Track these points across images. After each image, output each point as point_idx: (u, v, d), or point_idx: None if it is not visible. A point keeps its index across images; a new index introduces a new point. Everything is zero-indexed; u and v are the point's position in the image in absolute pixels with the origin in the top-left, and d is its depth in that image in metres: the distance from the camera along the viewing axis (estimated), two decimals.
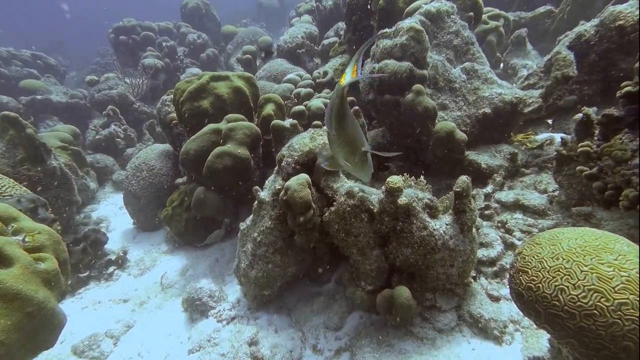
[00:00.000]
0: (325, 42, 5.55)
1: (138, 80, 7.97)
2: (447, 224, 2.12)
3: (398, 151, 3.74)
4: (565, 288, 1.23)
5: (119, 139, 6.57)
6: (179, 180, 4.56)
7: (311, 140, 2.70)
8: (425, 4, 3.43)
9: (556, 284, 1.26)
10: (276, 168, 3.09)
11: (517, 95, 2.92)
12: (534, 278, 1.33)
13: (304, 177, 2.54)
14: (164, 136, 5.43)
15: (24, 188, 3.71)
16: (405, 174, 3.06)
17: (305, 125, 3.90)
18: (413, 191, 2.29)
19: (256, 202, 3.11)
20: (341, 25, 5.90)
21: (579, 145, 2.05)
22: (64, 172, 4.51)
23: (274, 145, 3.87)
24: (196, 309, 3.17)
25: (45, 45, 18.38)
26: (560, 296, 1.23)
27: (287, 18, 15.20)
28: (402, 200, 2.11)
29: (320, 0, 6.40)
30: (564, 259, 1.28)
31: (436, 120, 3.17)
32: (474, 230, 2.13)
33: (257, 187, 3.10)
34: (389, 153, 1.95)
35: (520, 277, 1.39)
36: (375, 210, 2.31)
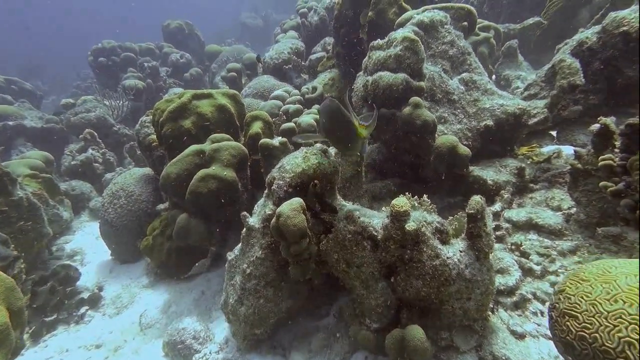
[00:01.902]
0: (313, 57, 5.40)
1: (118, 102, 7.66)
2: (461, 251, 1.88)
3: (397, 168, 3.53)
4: (635, 342, 0.98)
5: (97, 164, 6.20)
6: (161, 206, 4.23)
7: (304, 160, 2.45)
8: (417, 14, 3.30)
9: (620, 335, 1.01)
10: (266, 191, 2.82)
11: (520, 106, 2.76)
12: (587, 325, 1.08)
13: (297, 201, 2.27)
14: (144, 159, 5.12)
15: None
16: (407, 193, 2.85)
17: (295, 144, 3.66)
18: (420, 214, 2.05)
19: (245, 229, 2.81)
20: (328, 40, 5.79)
21: (600, 158, 1.87)
22: (32, 202, 4.13)
23: (263, 165, 3.61)
24: (179, 353, 2.81)
25: (24, 71, 17.94)
26: (629, 352, 0.98)
27: (272, 36, 15.28)
28: (410, 225, 1.86)
29: (305, 16, 6.31)
30: (624, 302, 1.04)
31: (436, 134, 2.98)
32: (490, 256, 1.89)
33: (245, 212, 2.82)
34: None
35: (568, 323, 1.14)
36: (379, 237, 2.05)
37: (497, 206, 2.60)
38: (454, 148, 2.78)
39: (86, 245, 4.95)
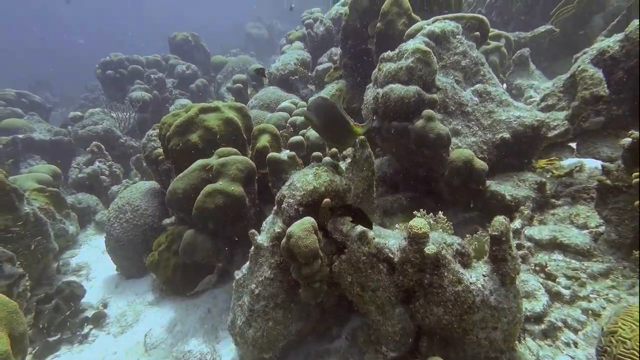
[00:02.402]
0: (319, 67, 5.35)
1: (125, 114, 7.67)
2: (484, 276, 1.76)
3: (408, 182, 3.42)
4: None
5: (103, 177, 6.17)
6: (167, 220, 4.16)
7: (315, 177, 2.36)
8: (428, 24, 3.22)
9: None
10: (275, 208, 2.73)
11: (538, 118, 2.65)
12: None
13: (308, 221, 2.18)
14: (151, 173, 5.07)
15: None
16: (422, 209, 2.74)
17: (304, 157, 3.59)
18: (440, 235, 1.94)
19: (253, 247, 2.72)
20: (334, 50, 5.74)
21: (633, 175, 1.75)
22: (39, 217, 4.08)
23: (271, 179, 3.53)
24: None
25: (34, 83, 18.23)
26: None
27: (277, 47, 15.35)
28: (430, 249, 1.75)
29: (311, 26, 6.29)
30: None
31: (450, 148, 2.88)
32: (517, 281, 1.77)
33: (253, 230, 2.73)
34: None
35: None
36: (395, 260, 1.94)
37: (517, 223, 2.48)
38: (470, 162, 2.67)
39: (92, 260, 4.88)
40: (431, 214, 2.67)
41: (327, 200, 2.30)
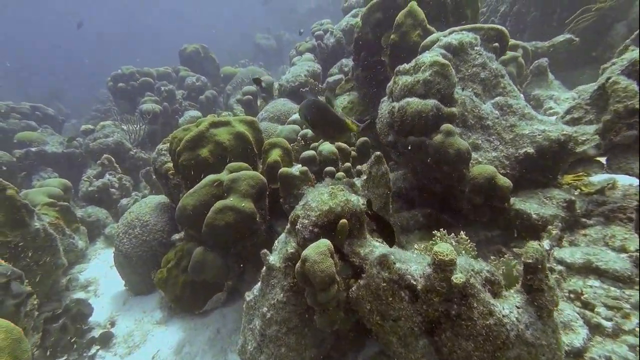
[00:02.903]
0: (330, 79, 5.28)
1: (135, 126, 7.71)
2: (518, 307, 1.62)
3: (425, 198, 3.29)
4: None
5: (113, 189, 6.16)
6: (176, 236, 4.07)
7: (331, 197, 2.25)
8: (444, 36, 3.13)
9: None
10: (288, 227, 2.63)
11: (564, 132, 2.52)
12: None
13: (324, 243, 2.06)
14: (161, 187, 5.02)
15: None
16: (442, 229, 2.60)
17: (316, 172, 3.49)
18: (465, 260, 1.81)
19: (265, 267, 2.61)
20: (345, 61, 5.69)
21: None
22: (48, 233, 4.04)
23: (282, 195, 3.44)
24: None
25: (47, 95, 18.63)
26: None
27: (286, 57, 15.44)
28: (458, 278, 1.62)
29: (321, 38, 6.25)
30: None
31: (470, 163, 2.75)
32: (555, 315, 1.62)
33: (265, 250, 2.62)
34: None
35: None
36: (419, 287, 1.81)
37: (545, 244, 2.33)
38: (493, 179, 2.54)
39: (100, 275, 4.82)
40: (452, 234, 2.54)
41: (343, 221, 2.19)
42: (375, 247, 2.23)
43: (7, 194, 3.73)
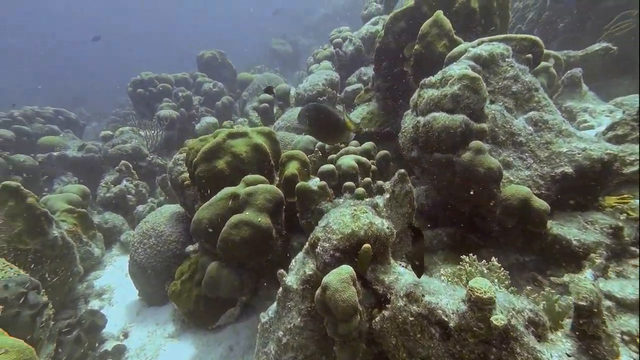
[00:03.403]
0: (349, 88, 5.17)
1: (153, 132, 7.77)
2: (569, 356, 1.45)
3: (450, 217, 3.13)
4: None
5: (130, 195, 6.18)
6: (190, 247, 4.01)
7: (353, 219, 2.13)
8: (473, 47, 2.97)
9: None
10: (306, 246, 2.51)
11: (609, 151, 2.32)
12: None
13: (346, 270, 1.94)
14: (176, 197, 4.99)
15: (15, 269, 3.22)
16: (470, 254, 2.44)
17: (334, 187, 3.36)
18: (504, 296, 1.65)
19: (281, 288, 2.50)
20: (364, 70, 5.57)
21: None
22: (66, 241, 4.05)
23: (300, 210, 3.33)
24: None
25: (70, 98, 19.19)
26: None
27: (302, 63, 15.44)
28: (499, 320, 1.46)
29: (339, 45, 6.15)
30: None
31: (501, 183, 2.58)
32: None
33: (282, 270, 2.51)
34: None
35: None
36: (451, 325, 1.66)
37: (587, 274, 2.13)
38: (527, 201, 2.36)
39: (115, 282, 4.81)
40: (484, 261, 2.37)
41: (367, 246, 2.06)
42: (400, 274, 2.09)
43: (28, 202, 3.75)
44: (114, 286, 4.74)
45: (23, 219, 3.69)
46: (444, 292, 1.86)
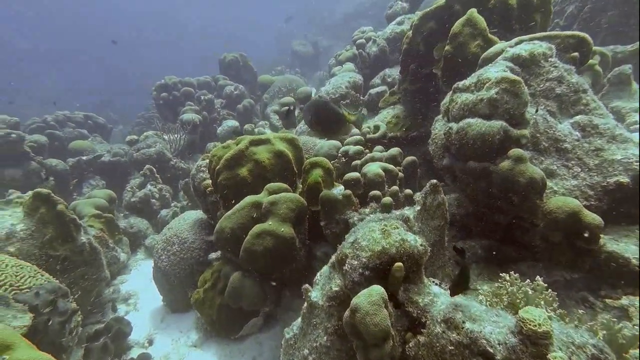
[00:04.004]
0: (373, 91, 5.01)
1: (176, 135, 7.88)
2: None
3: (483, 227, 2.93)
4: None
5: (153, 200, 6.27)
6: (213, 255, 3.98)
7: (384, 235, 1.99)
8: (510, 47, 2.76)
9: None
10: (332, 260, 2.39)
11: None
12: None
13: (378, 292, 1.80)
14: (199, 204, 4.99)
15: (46, 275, 3.27)
16: (511, 272, 2.24)
17: (359, 195, 3.23)
18: (560, 329, 1.47)
19: (306, 304, 2.39)
20: (388, 72, 5.39)
21: None
22: (93, 247, 4.10)
23: (324, 219, 3.22)
24: None
25: (97, 102, 19.93)
26: None
27: (323, 63, 15.33)
28: (557, 358, 1.29)
29: (363, 46, 5.99)
30: None
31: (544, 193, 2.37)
32: None
33: (307, 286, 2.41)
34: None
35: None
36: (497, 358, 1.49)
37: None
38: (577, 215, 2.15)
39: (140, 287, 4.86)
40: (527, 280, 2.17)
41: (399, 264, 1.91)
42: (435, 295, 1.93)
43: (58, 209, 3.82)
44: (139, 290, 4.79)
45: (54, 225, 3.76)
46: (487, 317, 1.70)
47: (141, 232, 5.74)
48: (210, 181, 3.93)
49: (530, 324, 1.37)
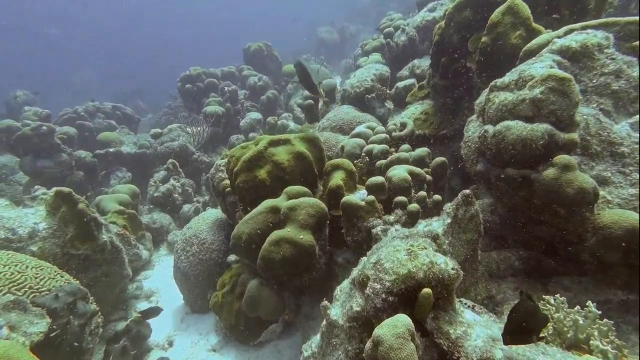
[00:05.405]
0: (400, 84, 4.70)
1: (199, 128, 7.89)
2: None
3: (524, 239, 2.66)
4: None
5: (176, 194, 6.31)
6: (231, 257, 3.92)
7: (410, 256, 1.79)
8: (559, 37, 2.42)
9: None
10: (354, 275, 2.23)
11: None
12: None
13: (403, 323, 1.61)
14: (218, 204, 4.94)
15: (66, 276, 3.31)
16: (557, 295, 1.98)
17: (383, 201, 3.02)
18: None
19: (325, 322, 2.25)
20: (417, 62, 5.04)
21: None
22: (115, 245, 4.14)
23: (345, 227, 3.04)
24: None
25: (129, 92, 20.48)
26: None
27: (349, 50, 14.87)
28: None
29: (390, 36, 5.64)
30: None
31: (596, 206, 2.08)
32: None
33: (325, 303, 2.26)
34: None
35: None
36: None
37: None
38: (637, 231, 1.86)
39: (162, 285, 4.90)
40: (577, 307, 1.91)
41: (427, 291, 1.72)
42: (469, 325, 1.73)
43: (79, 208, 3.85)
44: (161, 289, 4.84)
45: (75, 224, 3.80)
46: (532, 357, 1.48)
47: (164, 227, 5.80)
48: (229, 181, 3.84)
49: None
